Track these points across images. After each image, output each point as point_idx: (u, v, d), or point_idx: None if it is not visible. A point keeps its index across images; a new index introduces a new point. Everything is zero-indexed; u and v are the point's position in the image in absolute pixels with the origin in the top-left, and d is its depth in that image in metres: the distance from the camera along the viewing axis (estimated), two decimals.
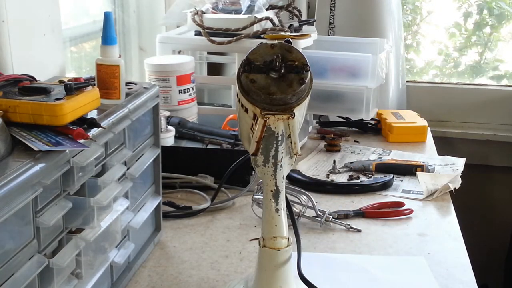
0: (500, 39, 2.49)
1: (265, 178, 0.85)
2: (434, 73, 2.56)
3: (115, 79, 0.95)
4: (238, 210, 1.32)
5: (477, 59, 2.51)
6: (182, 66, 1.62)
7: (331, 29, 2.18)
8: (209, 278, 1.04)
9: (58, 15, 1.23)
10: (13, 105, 0.80)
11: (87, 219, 0.82)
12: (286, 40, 0.84)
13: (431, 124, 1.90)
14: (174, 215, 1.26)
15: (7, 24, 1.06)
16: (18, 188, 0.67)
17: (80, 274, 0.84)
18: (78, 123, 0.82)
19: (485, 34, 2.49)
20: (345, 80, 1.73)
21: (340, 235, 1.20)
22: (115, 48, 0.96)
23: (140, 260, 1.07)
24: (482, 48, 2.51)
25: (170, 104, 1.61)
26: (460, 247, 1.17)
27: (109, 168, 0.91)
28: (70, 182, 0.79)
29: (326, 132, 1.79)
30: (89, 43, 1.80)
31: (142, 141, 1.05)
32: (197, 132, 1.54)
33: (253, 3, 1.71)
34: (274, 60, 0.80)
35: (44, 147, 0.74)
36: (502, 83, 2.47)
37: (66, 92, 0.82)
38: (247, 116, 0.82)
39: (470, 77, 2.50)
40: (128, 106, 0.96)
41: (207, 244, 1.16)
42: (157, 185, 1.13)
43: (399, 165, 1.53)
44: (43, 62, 1.19)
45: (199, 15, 1.67)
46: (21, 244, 0.71)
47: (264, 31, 1.61)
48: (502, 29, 2.48)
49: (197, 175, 1.41)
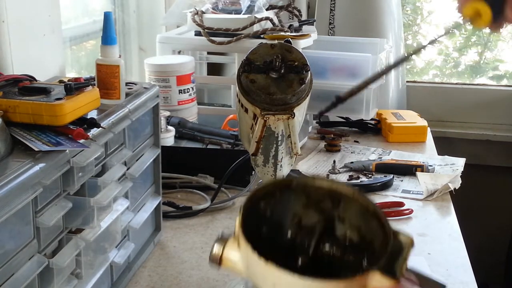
0: (500, 39, 2.49)
1: (265, 178, 0.85)
2: (434, 73, 2.56)
3: (115, 79, 0.95)
4: (238, 210, 1.31)
5: (476, 59, 2.51)
6: (182, 66, 1.62)
7: (331, 29, 2.18)
8: (209, 278, 1.04)
9: (58, 15, 1.23)
10: (13, 105, 0.80)
11: (87, 219, 0.82)
12: (286, 40, 0.84)
13: (431, 124, 1.90)
14: (174, 215, 1.26)
15: (7, 24, 1.06)
16: (18, 188, 0.67)
17: (80, 274, 0.84)
18: (78, 123, 0.82)
19: (484, 34, 2.49)
20: (345, 80, 1.73)
21: None
22: (115, 48, 0.96)
23: (140, 260, 1.07)
24: (482, 48, 2.51)
25: (170, 104, 1.61)
26: (460, 247, 1.17)
27: (109, 168, 0.91)
28: (70, 182, 0.79)
29: (326, 132, 1.79)
30: (89, 43, 1.80)
31: (142, 141, 1.05)
32: (197, 132, 1.54)
33: (253, 3, 1.71)
34: (274, 60, 0.80)
35: (44, 147, 0.74)
36: (502, 83, 2.47)
37: (66, 92, 0.82)
38: (247, 116, 0.82)
39: (470, 77, 2.50)
40: (128, 106, 0.96)
41: (207, 244, 1.16)
42: (157, 185, 1.13)
43: (399, 165, 1.53)
44: (43, 62, 1.19)
45: (199, 15, 1.67)
46: (21, 244, 0.71)
47: (264, 31, 1.61)
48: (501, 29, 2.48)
49: (197, 175, 1.41)
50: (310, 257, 0.52)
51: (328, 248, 0.53)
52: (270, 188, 0.55)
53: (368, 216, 0.53)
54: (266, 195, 0.55)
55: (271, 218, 0.55)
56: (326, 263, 0.53)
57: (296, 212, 0.55)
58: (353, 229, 0.53)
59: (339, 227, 0.54)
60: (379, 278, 0.48)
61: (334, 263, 0.53)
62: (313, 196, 0.54)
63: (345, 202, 0.54)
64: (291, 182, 0.55)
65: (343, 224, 0.54)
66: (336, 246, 0.54)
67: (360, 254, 0.52)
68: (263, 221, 0.55)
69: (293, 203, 0.55)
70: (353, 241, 0.53)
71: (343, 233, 0.54)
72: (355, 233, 0.53)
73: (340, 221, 0.54)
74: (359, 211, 0.53)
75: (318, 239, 0.53)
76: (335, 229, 0.54)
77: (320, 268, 0.53)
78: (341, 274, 0.51)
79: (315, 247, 0.53)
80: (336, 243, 0.54)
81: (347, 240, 0.53)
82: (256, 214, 0.54)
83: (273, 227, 0.55)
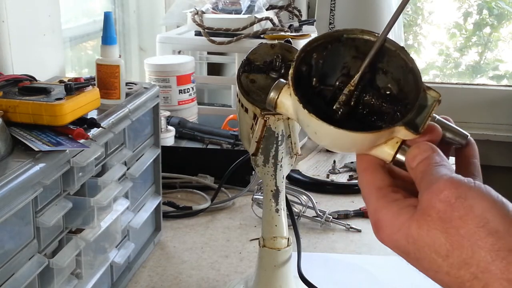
0: (500, 39, 2.49)
1: (265, 178, 0.85)
2: (435, 73, 2.56)
3: (115, 79, 0.95)
4: (238, 210, 1.32)
5: (477, 59, 2.52)
6: (182, 66, 1.62)
7: (331, 29, 2.18)
8: (209, 278, 1.04)
9: (58, 15, 1.23)
10: (13, 105, 0.80)
11: (87, 219, 0.82)
12: (286, 40, 0.84)
13: None
14: (174, 215, 1.26)
15: (7, 24, 1.06)
16: (18, 188, 0.67)
17: (80, 274, 0.84)
18: (78, 123, 0.82)
19: (485, 34, 2.49)
20: None
21: (340, 235, 1.20)
22: (115, 48, 0.96)
23: (140, 260, 1.07)
24: (482, 48, 2.51)
25: (170, 104, 1.61)
26: None
27: (109, 168, 0.91)
28: (70, 182, 0.79)
29: None
30: (89, 43, 1.80)
31: (142, 141, 1.05)
32: (197, 132, 1.54)
33: (253, 3, 1.71)
34: (274, 60, 0.80)
35: (44, 147, 0.74)
36: (502, 83, 2.47)
37: (66, 92, 0.82)
38: (247, 116, 0.82)
39: (470, 77, 2.51)
40: (128, 106, 0.96)
41: (207, 244, 1.16)
42: (157, 185, 1.13)
43: None
44: (43, 62, 1.19)
45: (199, 15, 1.67)
46: (21, 244, 0.71)
47: (264, 31, 1.61)
48: (502, 29, 2.48)
49: (197, 175, 1.41)
50: (352, 107, 0.57)
51: (369, 98, 0.58)
52: (321, 41, 0.59)
53: (406, 71, 0.57)
54: (318, 47, 0.59)
55: (322, 68, 0.59)
56: (366, 113, 0.58)
57: (346, 62, 0.59)
58: (394, 82, 0.58)
59: (382, 78, 0.58)
60: (403, 131, 0.52)
61: (373, 113, 0.58)
62: (361, 49, 0.58)
63: (388, 55, 0.58)
64: (342, 35, 0.59)
65: (386, 77, 0.58)
66: (377, 97, 0.58)
67: (397, 106, 0.57)
68: (315, 71, 0.59)
69: (343, 54, 0.59)
70: (393, 92, 0.58)
71: (384, 85, 0.58)
72: (395, 85, 0.58)
73: (383, 74, 0.58)
74: (399, 65, 0.57)
75: (361, 90, 0.58)
76: (377, 80, 0.58)
77: (360, 117, 0.58)
78: (377, 125, 0.56)
79: (357, 97, 0.57)
80: (377, 95, 0.58)
81: (388, 90, 0.58)
82: (308, 65, 0.59)
83: (324, 77, 0.60)
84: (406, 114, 0.53)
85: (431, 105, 0.54)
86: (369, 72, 0.57)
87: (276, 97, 0.58)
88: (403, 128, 0.52)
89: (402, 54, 0.57)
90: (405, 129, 0.52)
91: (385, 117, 0.57)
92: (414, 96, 0.55)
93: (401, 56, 0.57)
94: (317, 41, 0.59)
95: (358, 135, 0.52)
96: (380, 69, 0.58)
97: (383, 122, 0.56)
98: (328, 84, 0.59)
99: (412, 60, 0.57)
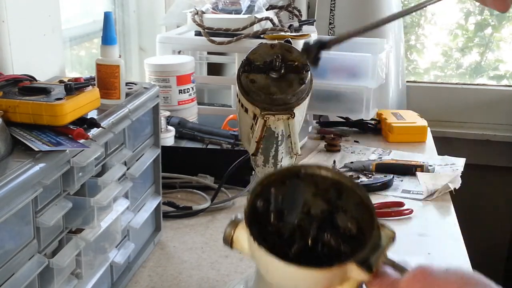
0: (501, 39, 2.49)
1: None
2: (436, 74, 2.55)
3: (115, 79, 0.95)
4: (238, 210, 1.31)
5: (477, 59, 2.51)
6: (182, 66, 1.62)
7: (331, 29, 2.18)
8: (209, 278, 1.04)
9: (58, 15, 1.23)
10: (13, 105, 0.80)
11: (87, 219, 0.82)
12: (286, 40, 0.84)
13: (431, 124, 1.90)
14: (174, 215, 1.26)
15: (7, 24, 1.06)
16: (18, 188, 0.67)
17: (80, 274, 0.84)
18: (78, 123, 0.82)
19: (486, 34, 2.49)
20: (345, 80, 1.73)
21: None
22: (115, 48, 0.96)
23: (140, 260, 1.07)
24: (483, 48, 2.51)
25: (170, 104, 1.61)
26: (460, 247, 1.17)
27: (109, 168, 0.91)
28: (70, 182, 0.79)
29: (326, 132, 1.79)
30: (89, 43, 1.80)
31: (142, 141, 1.05)
32: (197, 132, 1.54)
33: (253, 3, 1.71)
34: (274, 60, 0.80)
35: (44, 147, 0.74)
36: (502, 83, 2.47)
37: (66, 92, 0.82)
38: (247, 116, 0.82)
39: (471, 77, 2.50)
40: (128, 106, 0.96)
41: (207, 244, 1.16)
42: (157, 185, 1.13)
43: (399, 165, 1.53)
44: (43, 62, 1.19)
45: (199, 15, 1.67)
46: (21, 244, 0.71)
47: (264, 31, 1.61)
48: (503, 30, 2.48)
49: (197, 175, 1.41)
50: (310, 246, 0.55)
51: (327, 238, 0.56)
52: (279, 176, 0.57)
53: (362, 208, 0.55)
54: (276, 181, 0.57)
55: (282, 204, 0.57)
56: (325, 252, 0.56)
57: (307, 200, 0.57)
58: (353, 220, 0.56)
59: (342, 217, 0.56)
60: (356, 270, 0.51)
61: (332, 253, 0.56)
62: (320, 186, 0.57)
63: (346, 193, 0.56)
64: (299, 170, 0.57)
65: (346, 215, 0.56)
66: (336, 237, 0.56)
67: (355, 245, 0.54)
68: (274, 206, 0.57)
69: (303, 190, 0.58)
70: (353, 232, 0.56)
71: (345, 224, 0.56)
72: (354, 224, 0.56)
73: (343, 212, 0.57)
74: (356, 202, 0.56)
75: (319, 228, 0.56)
76: (338, 219, 0.57)
77: (318, 257, 0.55)
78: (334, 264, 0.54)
79: (315, 236, 0.56)
80: (337, 234, 0.56)
81: (349, 230, 0.56)
82: (267, 200, 0.57)
83: (284, 213, 0.58)
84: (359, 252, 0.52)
85: (385, 244, 0.53)
86: (328, 212, 0.56)
87: (232, 233, 0.56)
88: (355, 266, 0.51)
89: (358, 190, 0.56)
90: (357, 267, 0.51)
91: (342, 256, 0.55)
92: (369, 234, 0.53)
93: (357, 192, 0.56)
94: (274, 175, 0.57)
95: (307, 271, 0.50)
96: (340, 207, 0.56)
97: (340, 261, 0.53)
98: (287, 221, 0.57)
99: (367, 196, 0.56)
